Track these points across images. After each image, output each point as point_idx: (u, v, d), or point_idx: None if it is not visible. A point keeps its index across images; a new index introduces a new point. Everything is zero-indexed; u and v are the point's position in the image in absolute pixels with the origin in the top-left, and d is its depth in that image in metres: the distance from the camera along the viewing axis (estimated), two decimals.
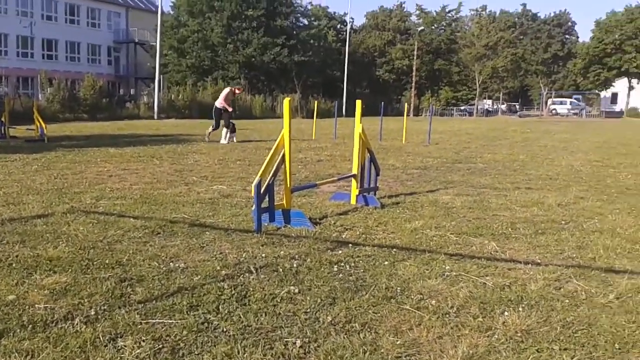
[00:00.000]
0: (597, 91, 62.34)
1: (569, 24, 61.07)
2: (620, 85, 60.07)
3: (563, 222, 5.05)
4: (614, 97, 66.02)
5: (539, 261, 3.78)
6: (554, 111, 58.59)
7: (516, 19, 62.91)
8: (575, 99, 63.07)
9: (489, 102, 70.31)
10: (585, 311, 2.88)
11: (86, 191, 6.14)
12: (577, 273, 3.50)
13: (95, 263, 3.49)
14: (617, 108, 62.54)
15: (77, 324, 2.54)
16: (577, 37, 63.70)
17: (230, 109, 14.04)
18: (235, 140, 13.85)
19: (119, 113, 29.51)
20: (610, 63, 56.08)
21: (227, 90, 14.50)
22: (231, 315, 2.72)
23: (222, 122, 13.91)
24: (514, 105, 71.54)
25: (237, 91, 15.29)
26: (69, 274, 3.27)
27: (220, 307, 2.81)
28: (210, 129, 14.03)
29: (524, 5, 63.88)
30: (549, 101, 60.82)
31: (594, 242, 4.28)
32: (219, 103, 14.06)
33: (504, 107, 68.58)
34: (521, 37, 61.03)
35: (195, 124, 23.49)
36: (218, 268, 3.43)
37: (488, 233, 4.58)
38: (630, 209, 5.73)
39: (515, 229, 4.73)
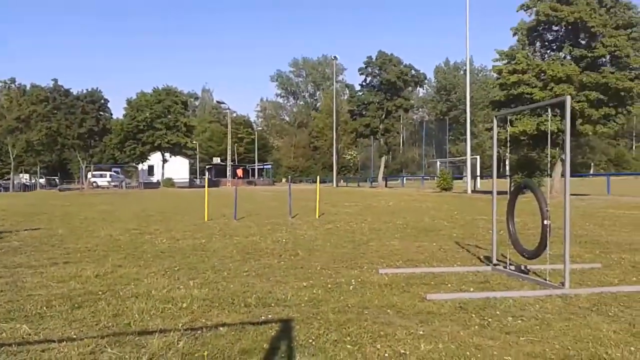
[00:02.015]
0: (134, 164, 66.26)
1: (102, 101, 63.26)
2: (155, 158, 65.46)
3: (100, 292, 5.03)
4: (151, 169, 71.59)
5: (74, 336, 3.63)
6: (94, 184, 59.35)
7: (48, 93, 61.56)
8: (114, 171, 65.56)
9: (27, 176, 66.11)
10: None
11: None
12: (112, 341, 3.51)
13: None
14: (154, 179, 67.95)
15: None
16: (111, 114, 66.50)
17: None
18: None
19: None
20: (144, 138, 60.55)
21: None
22: None
23: None
24: (54, 179, 69.38)
25: None
26: None
27: None
28: None
29: (56, 80, 63.10)
30: (89, 174, 61.31)
31: (130, 308, 4.40)
32: None
33: (43, 181, 65.56)
34: (55, 111, 59.98)
35: None
36: None
37: (21, 316, 4.20)
38: (164, 271, 6.15)
39: (51, 307, 4.45)
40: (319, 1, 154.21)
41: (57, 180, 68.70)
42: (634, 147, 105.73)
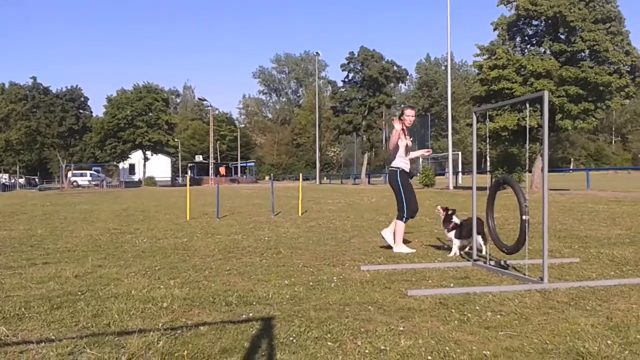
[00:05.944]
0: (115, 163, 65.63)
1: (82, 99, 62.38)
2: (136, 156, 64.86)
3: (79, 292, 4.97)
4: (132, 168, 70.95)
5: (53, 337, 3.59)
6: (75, 183, 58.79)
7: (27, 91, 60.62)
8: (95, 170, 65.01)
9: (6, 176, 65.21)
10: None
11: None
12: (92, 342, 3.47)
13: None
14: (135, 178, 67.40)
15: None
16: (92, 112, 65.64)
17: (406, 162, 7.62)
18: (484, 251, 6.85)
19: None
20: (124, 137, 59.88)
21: (396, 127, 7.46)
22: None
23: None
24: (34, 179, 68.54)
25: (408, 117, 7.53)
26: None
27: None
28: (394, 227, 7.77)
29: (34, 78, 62.05)
30: (69, 173, 60.61)
31: (109, 308, 4.35)
32: (393, 160, 7.65)
33: (22, 180, 64.71)
34: (34, 110, 59.12)
35: None
36: None
37: (0, 317, 4.13)
38: (145, 271, 6.10)
39: (29, 308, 4.39)
40: None
41: (36, 180, 67.97)
42: (613, 142, 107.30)
